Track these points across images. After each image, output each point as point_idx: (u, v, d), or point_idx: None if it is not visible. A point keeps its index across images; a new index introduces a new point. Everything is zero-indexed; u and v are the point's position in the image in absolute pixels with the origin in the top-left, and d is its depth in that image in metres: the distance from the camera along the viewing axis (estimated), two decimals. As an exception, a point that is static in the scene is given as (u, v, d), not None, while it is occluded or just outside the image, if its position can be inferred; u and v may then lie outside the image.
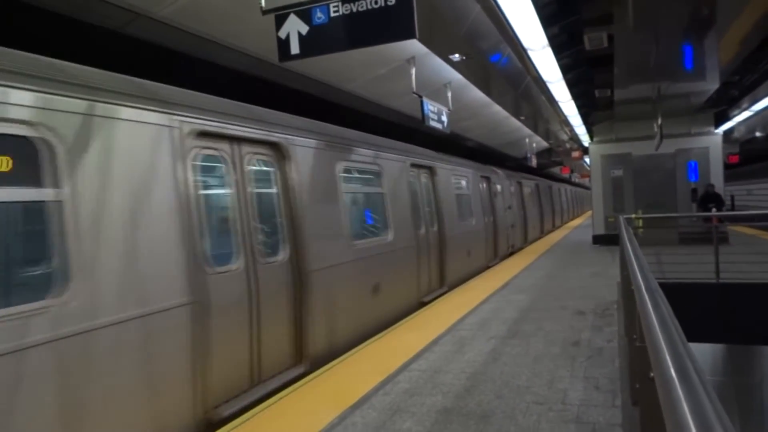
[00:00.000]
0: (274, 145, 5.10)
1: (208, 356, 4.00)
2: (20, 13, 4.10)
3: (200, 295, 3.96)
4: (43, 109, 3.02)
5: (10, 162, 2.89)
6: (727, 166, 18.23)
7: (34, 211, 3.03)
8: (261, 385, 4.60)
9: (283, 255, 5.06)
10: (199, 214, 4.09)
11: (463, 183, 11.20)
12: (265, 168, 5.05)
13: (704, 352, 9.94)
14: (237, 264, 4.44)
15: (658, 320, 1.59)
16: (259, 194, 4.88)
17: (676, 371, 1.18)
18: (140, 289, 3.51)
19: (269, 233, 4.99)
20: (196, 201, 4.05)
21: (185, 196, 3.93)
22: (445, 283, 9.24)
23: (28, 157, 2.97)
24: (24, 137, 2.94)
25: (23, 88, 2.95)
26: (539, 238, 19.28)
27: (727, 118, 15.76)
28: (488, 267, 12.11)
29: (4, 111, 2.86)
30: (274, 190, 5.10)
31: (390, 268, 7.13)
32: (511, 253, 14.07)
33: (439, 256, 9.18)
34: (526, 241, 16.98)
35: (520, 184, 16.60)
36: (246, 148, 4.72)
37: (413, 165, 8.52)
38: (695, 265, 8.24)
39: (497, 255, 13.24)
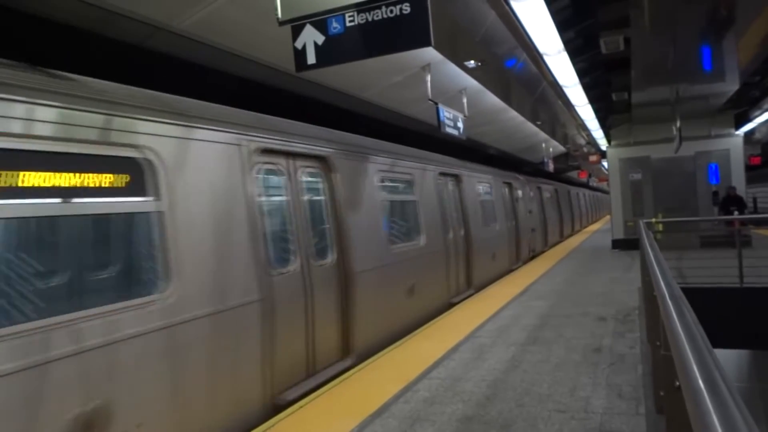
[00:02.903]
0: None
1: None
2: (41, 29, 4.19)
3: None
4: None
5: None
6: (749, 168, 17.93)
7: None
8: None
9: None
10: None
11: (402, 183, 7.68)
12: None
13: (728, 358, 9.75)
14: None
15: (683, 329, 1.57)
16: None
17: (704, 381, 1.16)
18: None
19: None
20: None
21: None
22: (350, 354, 5.59)
23: None
24: None
25: None
26: (542, 252, 16.01)
27: (748, 120, 15.53)
28: (451, 305, 8.49)
29: None
30: None
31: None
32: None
33: (341, 306, 5.61)
34: (519, 259, 13.40)
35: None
36: None
37: (267, 151, 4.84)
38: (718, 270, 8.11)
39: (471, 285, 9.71)
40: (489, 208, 11.40)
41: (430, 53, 6.43)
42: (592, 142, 19.61)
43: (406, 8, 3.94)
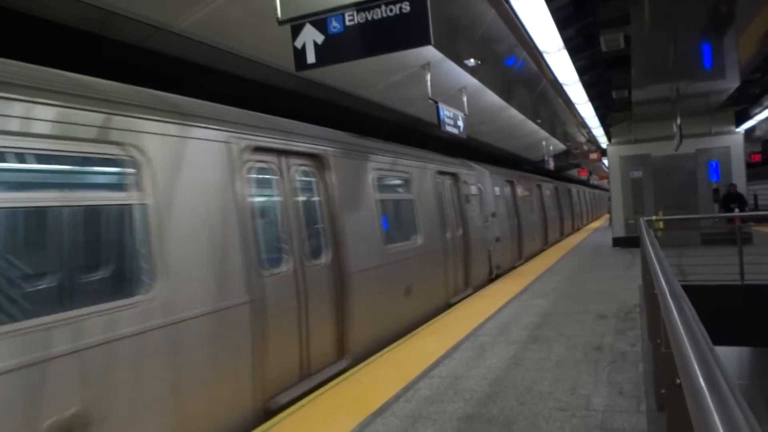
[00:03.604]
0: None
1: None
2: (45, 30, 4.19)
3: None
4: None
5: None
6: (750, 165, 17.91)
7: None
8: None
9: None
10: None
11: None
12: None
13: (729, 356, 9.76)
14: None
15: (684, 327, 1.58)
16: None
17: (705, 379, 1.16)
18: None
19: None
20: None
21: None
22: None
23: None
24: None
25: None
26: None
27: (749, 117, 15.52)
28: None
29: None
30: None
31: None
32: None
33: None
34: (469, 285, 9.36)
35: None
36: None
37: None
38: (719, 267, 8.11)
39: (345, 350, 5.54)
40: (404, 214, 7.52)
41: (429, 52, 6.43)
42: (592, 139, 19.61)
43: (406, 7, 3.95)
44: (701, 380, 1.16)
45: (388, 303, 6.47)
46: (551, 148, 18.12)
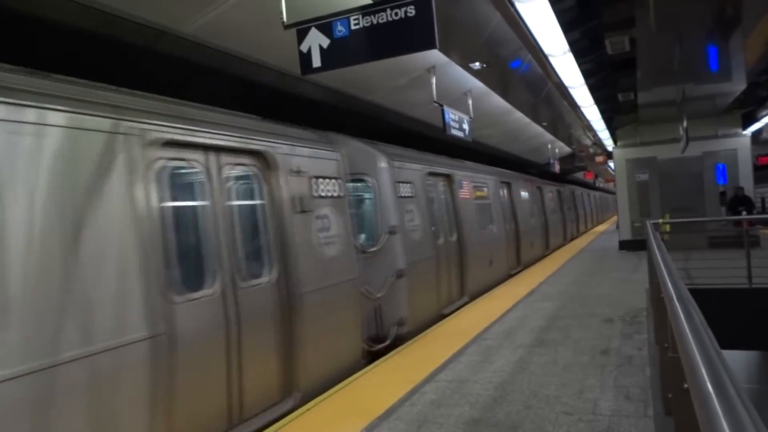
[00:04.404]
0: None
1: None
2: (51, 33, 4.22)
3: None
4: None
5: None
6: (757, 168, 17.82)
7: None
8: None
9: None
10: None
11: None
12: None
13: (737, 360, 9.69)
14: None
15: (691, 331, 1.57)
16: None
17: (712, 384, 1.16)
18: None
19: None
20: None
21: None
22: None
23: None
24: None
25: None
26: None
27: (756, 119, 15.44)
28: None
29: None
30: None
31: None
32: None
33: None
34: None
35: None
36: None
37: None
38: (726, 270, 8.06)
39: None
40: None
41: (435, 55, 6.43)
42: (598, 142, 19.56)
43: (411, 11, 3.95)
44: (709, 384, 1.16)
45: None
46: (557, 151, 18.09)
